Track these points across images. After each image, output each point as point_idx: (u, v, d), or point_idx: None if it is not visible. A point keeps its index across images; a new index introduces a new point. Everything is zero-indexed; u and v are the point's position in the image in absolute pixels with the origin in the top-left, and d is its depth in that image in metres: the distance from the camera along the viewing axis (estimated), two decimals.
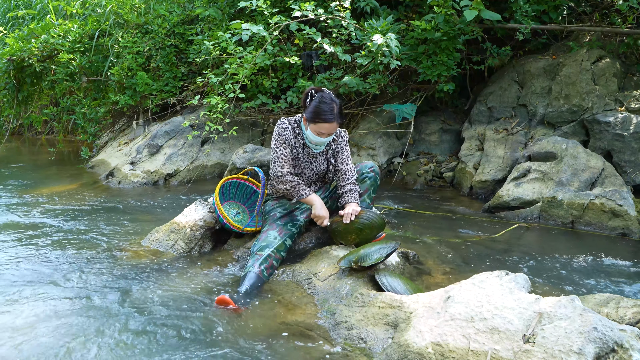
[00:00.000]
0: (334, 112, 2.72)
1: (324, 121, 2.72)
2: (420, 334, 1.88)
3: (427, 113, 5.74)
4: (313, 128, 2.77)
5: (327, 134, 2.78)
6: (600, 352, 1.63)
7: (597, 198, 3.72)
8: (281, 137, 2.85)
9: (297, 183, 2.84)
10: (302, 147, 2.92)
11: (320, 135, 2.78)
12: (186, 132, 5.61)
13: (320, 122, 2.73)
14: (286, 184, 2.83)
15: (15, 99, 6.56)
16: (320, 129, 2.75)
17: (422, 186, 4.96)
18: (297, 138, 2.90)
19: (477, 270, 2.70)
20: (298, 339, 2.13)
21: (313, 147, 2.90)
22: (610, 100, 4.57)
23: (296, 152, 2.90)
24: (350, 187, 2.90)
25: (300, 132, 2.90)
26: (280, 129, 2.87)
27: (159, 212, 4.12)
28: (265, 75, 5.33)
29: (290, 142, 2.88)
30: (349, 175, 2.93)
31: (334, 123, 2.74)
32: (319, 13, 4.50)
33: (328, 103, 2.73)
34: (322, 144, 2.87)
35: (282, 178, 2.83)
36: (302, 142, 2.91)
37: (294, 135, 2.89)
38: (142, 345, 2.05)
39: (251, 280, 2.57)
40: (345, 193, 2.90)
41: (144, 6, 6.39)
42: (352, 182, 2.92)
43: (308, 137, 2.83)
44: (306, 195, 2.85)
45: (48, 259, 3.00)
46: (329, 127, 2.74)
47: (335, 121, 2.74)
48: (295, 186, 2.84)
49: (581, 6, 5.19)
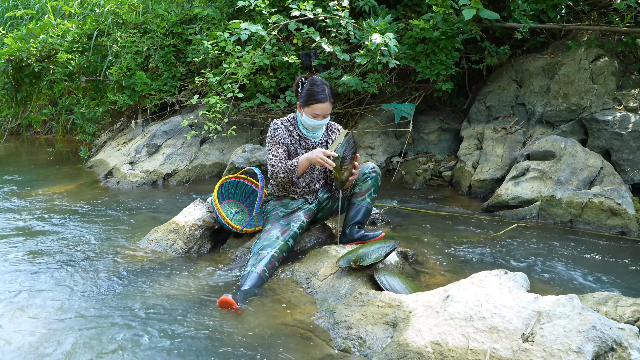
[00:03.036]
0: (325, 92, 2.80)
1: (317, 101, 2.79)
2: (419, 333, 1.88)
3: (426, 112, 5.74)
4: (308, 111, 2.83)
5: (322, 115, 2.84)
6: (599, 350, 1.63)
7: (595, 197, 3.73)
8: (273, 138, 2.90)
9: (285, 164, 2.81)
10: (298, 143, 2.95)
11: (316, 118, 2.84)
12: (185, 131, 5.60)
13: (314, 102, 2.80)
14: (280, 173, 2.83)
15: (14, 99, 6.55)
16: (314, 110, 2.81)
17: (421, 185, 4.96)
18: (293, 135, 2.93)
19: (476, 269, 2.70)
20: (297, 338, 2.13)
21: (310, 136, 2.94)
22: (608, 99, 4.58)
23: (293, 149, 2.93)
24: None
25: (295, 127, 2.94)
26: (272, 130, 2.92)
27: (158, 212, 4.11)
28: (264, 75, 5.33)
29: (285, 141, 2.91)
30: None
31: (327, 103, 2.81)
32: (318, 12, 4.50)
33: (319, 85, 2.82)
34: (318, 129, 2.92)
35: (275, 171, 2.84)
36: (297, 137, 2.94)
37: (288, 133, 2.92)
38: (141, 346, 2.05)
39: (253, 280, 2.57)
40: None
41: (143, 6, 6.39)
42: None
43: (304, 122, 2.88)
44: (297, 164, 2.80)
45: (46, 259, 2.99)
46: (322, 107, 2.81)
47: (328, 101, 2.81)
48: (287, 169, 2.81)
49: (579, 5, 5.19)
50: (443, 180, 5.05)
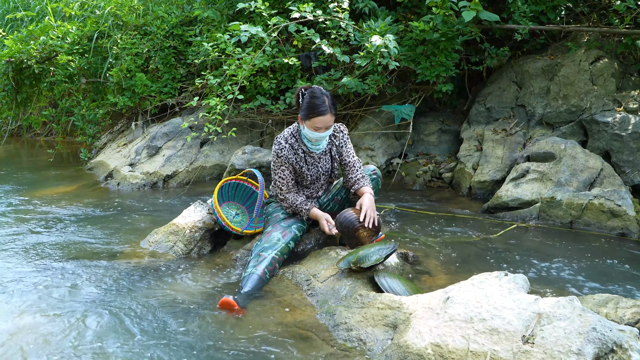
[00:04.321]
0: (326, 105, 2.75)
1: (318, 114, 2.74)
2: (419, 335, 1.88)
3: (426, 114, 5.74)
4: (309, 124, 2.78)
5: (324, 127, 2.79)
6: (599, 352, 1.63)
7: (595, 198, 3.73)
8: (279, 159, 2.90)
9: (297, 202, 2.94)
10: (304, 160, 2.93)
11: (318, 131, 2.79)
12: (185, 133, 5.61)
13: (315, 116, 2.75)
14: (287, 203, 2.95)
15: (14, 101, 6.56)
16: (315, 123, 2.76)
17: (421, 187, 4.96)
18: (298, 152, 2.92)
19: (476, 270, 2.70)
20: (297, 340, 2.13)
21: (315, 148, 2.90)
22: (608, 101, 4.58)
23: (299, 167, 2.92)
24: (362, 175, 2.99)
25: (299, 140, 2.91)
26: (277, 150, 2.90)
27: (158, 214, 4.11)
28: (264, 77, 5.33)
29: (291, 160, 2.90)
30: (357, 166, 3.00)
31: (328, 115, 2.76)
32: (318, 14, 4.51)
33: (319, 97, 2.76)
34: (321, 140, 2.88)
35: (283, 199, 2.95)
36: (302, 154, 2.92)
37: (293, 152, 2.91)
38: (142, 348, 2.05)
39: (254, 282, 2.57)
40: (358, 180, 2.97)
41: (143, 8, 6.40)
42: (362, 172, 3.00)
43: (307, 135, 2.83)
44: (308, 212, 2.94)
45: (46, 261, 2.99)
46: (324, 119, 2.76)
47: (329, 113, 2.76)
48: (296, 206, 2.94)
49: (579, 7, 5.20)
50: (443, 181, 5.05)
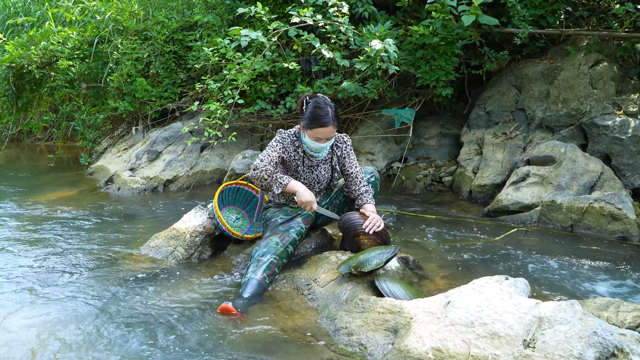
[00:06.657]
0: (329, 116, 2.73)
1: (320, 125, 2.73)
2: (420, 340, 1.88)
3: (426, 118, 5.75)
4: (310, 134, 2.77)
5: (325, 138, 2.78)
6: (600, 356, 1.63)
7: (596, 202, 3.72)
8: (278, 141, 2.87)
9: (275, 172, 2.75)
10: (302, 160, 2.92)
11: (319, 141, 2.78)
12: (185, 138, 5.61)
13: (317, 127, 2.74)
14: (263, 173, 2.74)
15: (15, 106, 6.57)
16: (317, 134, 2.75)
17: (421, 190, 4.96)
18: (297, 150, 2.90)
19: (476, 274, 2.69)
20: (298, 345, 2.13)
21: (315, 155, 2.89)
22: (608, 104, 4.59)
23: (295, 165, 2.90)
24: (365, 189, 2.95)
25: (300, 143, 2.90)
26: (280, 137, 2.89)
27: (158, 219, 4.11)
28: (264, 81, 5.34)
29: (289, 152, 2.88)
30: (360, 177, 2.97)
31: (330, 127, 2.74)
32: (318, 19, 4.52)
33: (322, 107, 2.74)
34: (322, 150, 2.87)
35: (259, 168, 2.75)
36: (302, 154, 2.91)
37: (293, 147, 2.89)
38: (142, 353, 2.05)
39: (253, 287, 2.56)
40: (362, 194, 2.94)
41: (143, 13, 6.42)
42: (365, 184, 2.97)
43: (307, 144, 2.83)
44: (286, 183, 2.72)
45: (47, 266, 2.99)
46: (326, 131, 2.74)
47: (331, 125, 2.74)
48: (273, 175, 2.74)
49: (578, 10, 5.21)
50: (443, 185, 5.04)
